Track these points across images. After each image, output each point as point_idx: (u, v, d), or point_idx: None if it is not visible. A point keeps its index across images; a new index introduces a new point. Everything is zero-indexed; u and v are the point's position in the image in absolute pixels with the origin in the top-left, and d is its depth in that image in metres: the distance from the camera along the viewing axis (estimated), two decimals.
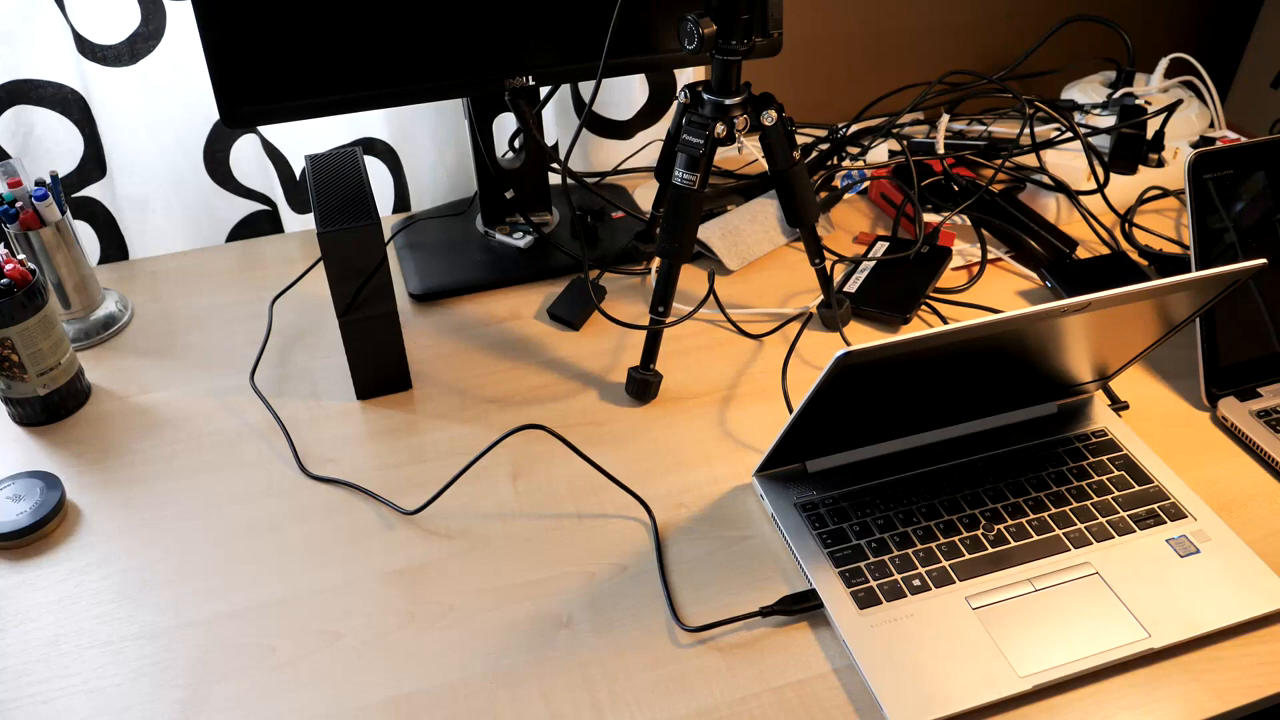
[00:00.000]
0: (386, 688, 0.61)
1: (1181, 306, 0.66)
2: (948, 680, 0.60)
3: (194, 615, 0.66)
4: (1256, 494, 0.74)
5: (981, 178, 1.10)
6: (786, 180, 0.82)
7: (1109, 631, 0.62)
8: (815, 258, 0.87)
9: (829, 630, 0.64)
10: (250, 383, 0.86)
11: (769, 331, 0.92)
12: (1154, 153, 1.08)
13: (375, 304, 0.79)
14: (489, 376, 0.86)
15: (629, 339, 0.91)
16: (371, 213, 0.75)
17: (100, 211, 1.02)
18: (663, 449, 0.79)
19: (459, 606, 0.66)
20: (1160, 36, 1.37)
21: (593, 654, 0.63)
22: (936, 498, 0.71)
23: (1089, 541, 0.68)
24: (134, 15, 0.91)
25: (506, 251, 1.01)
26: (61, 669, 0.63)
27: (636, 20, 0.89)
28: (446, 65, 0.86)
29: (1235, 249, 0.82)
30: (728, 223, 1.01)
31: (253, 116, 0.83)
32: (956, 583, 0.65)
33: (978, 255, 1.01)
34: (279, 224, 1.09)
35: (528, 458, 0.78)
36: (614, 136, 1.15)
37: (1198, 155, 0.80)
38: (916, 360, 0.59)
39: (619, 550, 0.70)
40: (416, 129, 1.06)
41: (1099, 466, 0.74)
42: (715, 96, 0.77)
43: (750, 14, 0.73)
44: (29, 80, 0.92)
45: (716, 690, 0.61)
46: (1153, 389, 0.84)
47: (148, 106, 0.96)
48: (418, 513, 0.73)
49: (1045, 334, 0.62)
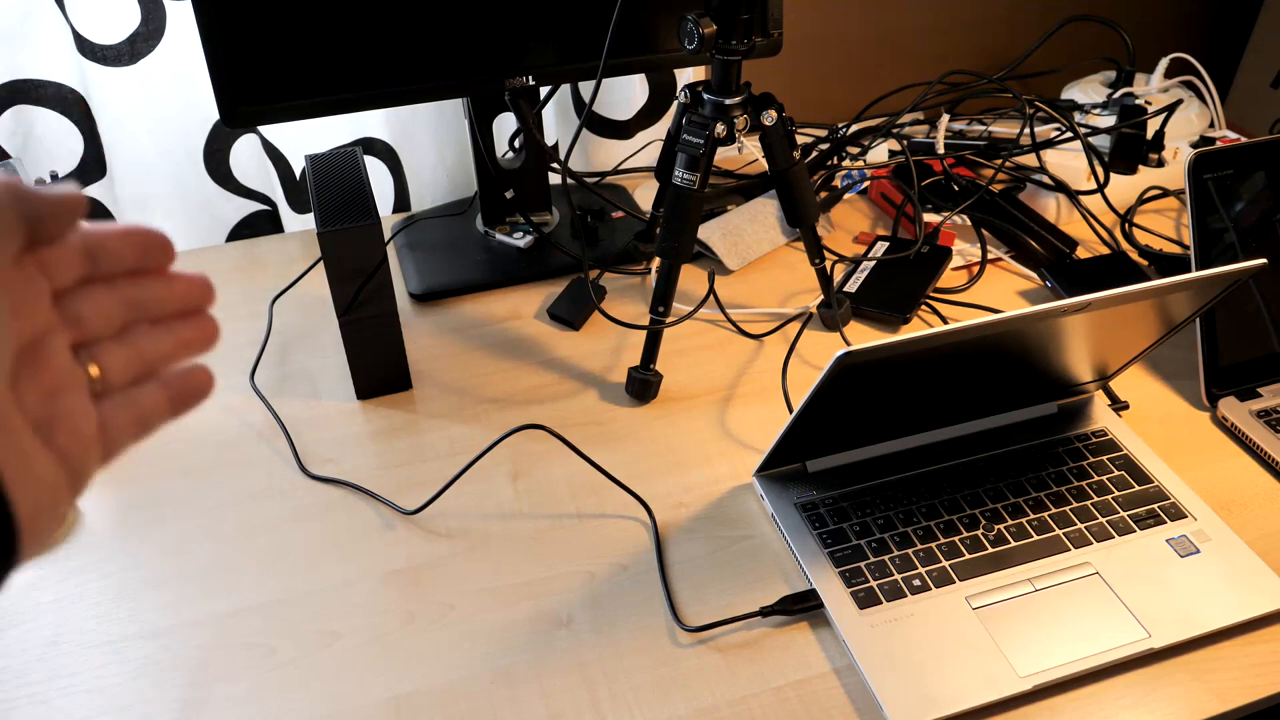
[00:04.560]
0: (386, 688, 0.61)
1: (1181, 306, 0.66)
2: (948, 680, 0.60)
3: (194, 615, 0.66)
4: (1256, 494, 0.74)
5: (981, 178, 1.10)
6: (786, 180, 0.82)
7: (1109, 631, 0.62)
8: (815, 258, 0.87)
9: (829, 630, 0.64)
10: (250, 383, 0.86)
11: (769, 331, 0.92)
12: (1154, 153, 1.08)
13: (375, 304, 0.79)
14: (489, 376, 0.86)
15: (629, 339, 0.91)
16: (371, 213, 0.75)
17: (100, 211, 1.02)
18: (663, 449, 0.79)
19: (459, 606, 0.66)
20: (1160, 36, 1.37)
21: (593, 654, 0.63)
22: (937, 498, 0.71)
23: (1089, 541, 0.68)
24: (134, 15, 0.91)
25: (506, 251, 1.01)
26: (61, 669, 0.63)
27: (636, 20, 0.89)
28: (446, 65, 0.86)
29: (1235, 249, 0.82)
30: (728, 223, 1.01)
31: (252, 116, 0.83)
32: (957, 583, 0.65)
33: (978, 255, 1.01)
34: (279, 224, 1.09)
35: (528, 458, 0.78)
36: (614, 136, 1.15)
37: (1198, 155, 0.80)
38: (916, 360, 0.59)
39: (619, 550, 0.70)
40: (416, 129, 1.06)
41: (1099, 466, 0.74)
42: (715, 96, 0.77)
43: (750, 14, 0.73)
44: (29, 80, 0.92)
45: (716, 690, 0.61)
46: (1153, 389, 0.84)
47: (148, 106, 0.96)
48: (418, 513, 0.73)
49: (1045, 334, 0.62)
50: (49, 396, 0.31)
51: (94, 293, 0.34)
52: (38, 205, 0.30)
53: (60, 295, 0.33)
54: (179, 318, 0.36)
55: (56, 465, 0.31)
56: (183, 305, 0.36)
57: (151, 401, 0.35)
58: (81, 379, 0.33)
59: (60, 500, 0.31)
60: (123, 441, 0.34)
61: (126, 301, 0.34)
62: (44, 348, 0.32)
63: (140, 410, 0.35)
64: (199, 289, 0.36)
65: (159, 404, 0.35)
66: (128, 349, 0.35)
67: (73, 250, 0.32)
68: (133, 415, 0.34)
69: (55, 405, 0.32)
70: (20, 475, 0.29)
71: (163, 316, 0.36)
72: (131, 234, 0.34)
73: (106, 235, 0.33)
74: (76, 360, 0.33)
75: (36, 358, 0.31)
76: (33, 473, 0.30)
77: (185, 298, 0.36)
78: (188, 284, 0.36)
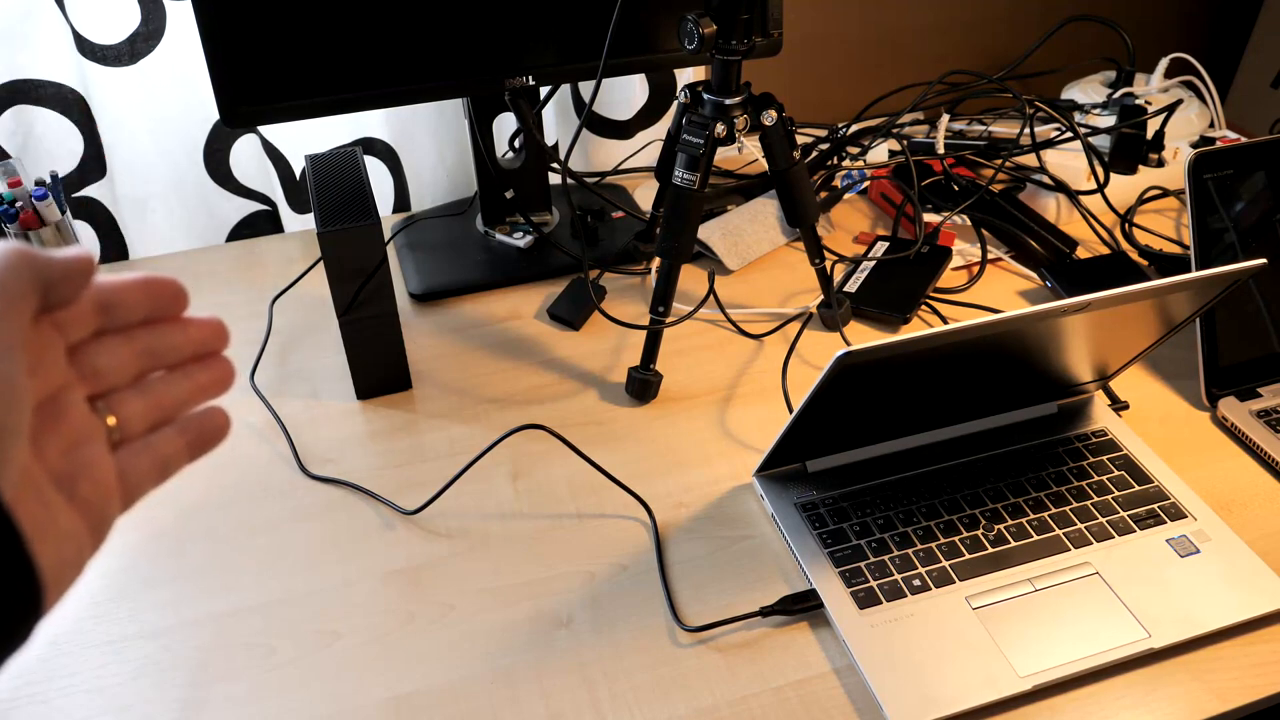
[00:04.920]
0: (386, 688, 0.61)
1: (1181, 306, 0.66)
2: (948, 680, 0.60)
3: (194, 615, 0.66)
4: (1256, 494, 0.74)
5: (981, 178, 1.10)
6: (786, 180, 0.82)
7: (1109, 631, 0.62)
8: (815, 258, 0.87)
9: (829, 630, 0.64)
10: (250, 383, 0.86)
11: (769, 331, 0.92)
12: (1154, 153, 1.08)
13: (375, 304, 0.79)
14: (489, 376, 0.86)
15: (629, 339, 0.91)
16: (371, 212, 0.75)
17: (100, 211, 1.02)
18: (663, 449, 0.79)
19: (459, 606, 0.66)
20: (1160, 36, 1.37)
21: (592, 654, 0.63)
22: (937, 498, 0.71)
23: (1089, 541, 0.68)
24: (134, 15, 0.91)
25: (506, 251, 1.01)
26: (61, 669, 0.63)
27: (636, 20, 0.89)
28: (447, 65, 0.86)
29: (1235, 249, 0.82)
30: (728, 223, 1.01)
31: (252, 116, 0.83)
32: (956, 583, 0.65)
33: (978, 255, 1.01)
34: (279, 224, 1.09)
35: (528, 458, 0.78)
36: (614, 136, 1.15)
37: (1198, 155, 0.80)
38: (916, 360, 0.59)
39: (619, 550, 0.70)
40: (416, 129, 1.06)
41: (1099, 466, 0.74)
42: (715, 96, 0.77)
43: (750, 14, 0.73)
44: (29, 80, 0.92)
45: (716, 690, 0.61)
46: (1153, 389, 0.84)
47: (148, 106, 0.96)
48: (418, 513, 0.73)
49: (1045, 334, 0.62)
50: (69, 450, 0.32)
51: (109, 344, 0.34)
52: (49, 271, 0.30)
53: (75, 349, 0.33)
54: (194, 362, 0.37)
55: (78, 518, 0.32)
56: (197, 349, 0.36)
57: (170, 447, 0.36)
58: (100, 430, 0.33)
59: (84, 551, 0.32)
60: (143, 488, 0.35)
61: (141, 351, 0.35)
62: (61, 402, 0.32)
63: (159, 456, 0.35)
64: (213, 332, 0.37)
65: (177, 449, 0.36)
66: (144, 397, 0.35)
67: (86, 305, 0.33)
68: (152, 461, 0.35)
69: (75, 458, 0.32)
70: (44, 531, 0.30)
71: (178, 362, 0.36)
72: (144, 284, 0.34)
73: (119, 288, 0.34)
74: (94, 412, 0.33)
75: (54, 413, 0.32)
76: (56, 527, 0.30)
77: (200, 342, 0.36)
78: (201, 328, 0.36)
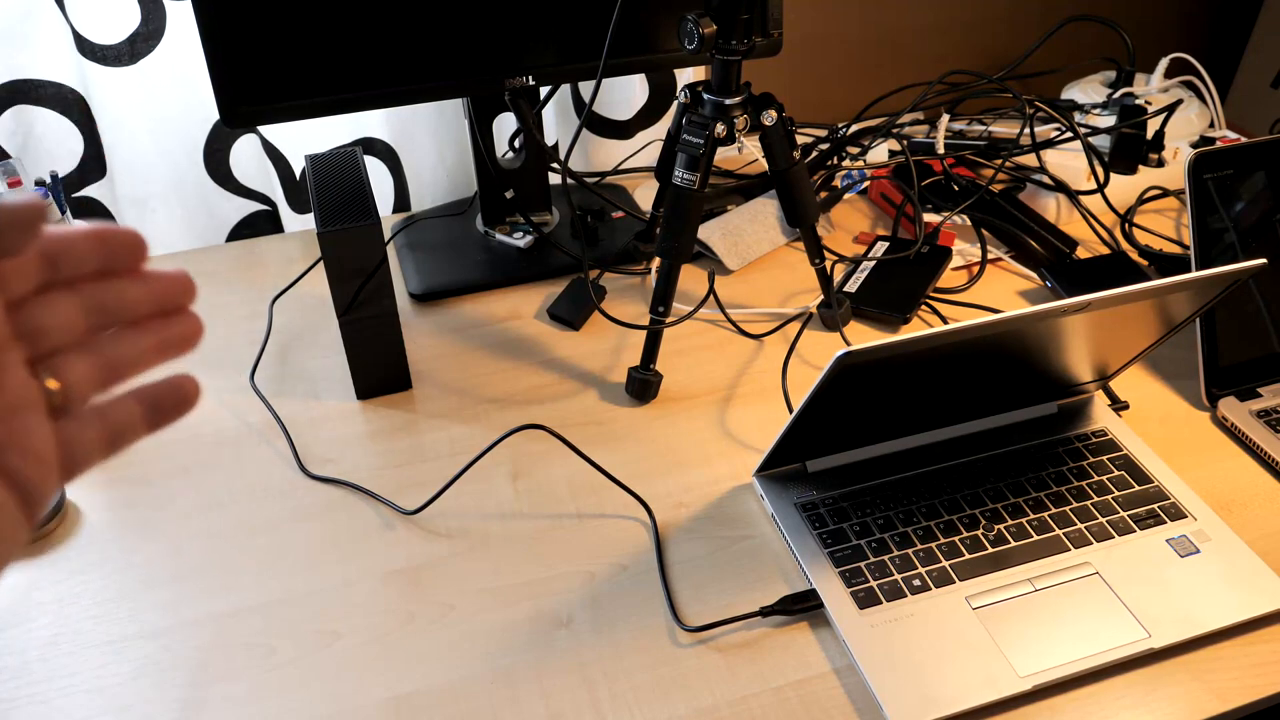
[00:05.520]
0: (386, 688, 0.61)
1: (1181, 306, 0.66)
2: (948, 680, 0.60)
3: (194, 615, 0.66)
4: (1256, 494, 0.74)
5: (981, 178, 1.10)
6: (786, 180, 0.82)
7: (1109, 631, 0.62)
8: (815, 258, 0.87)
9: (829, 630, 0.64)
10: (250, 383, 0.86)
11: (769, 331, 0.92)
12: (1154, 153, 1.08)
13: (375, 304, 0.79)
14: (489, 376, 0.86)
15: (629, 339, 0.91)
16: (371, 212, 0.75)
17: (100, 211, 1.02)
18: (663, 449, 0.79)
19: (459, 606, 0.66)
20: (1160, 36, 1.37)
21: (592, 654, 0.63)
22: (937, 498, 0.71)
23: (1089, 541, 0.68)
24: (134, 15, 0.91)
25: (506, 251, 1.01)
26: (61, 669, 0.63)
27: (636, 20, 0.89)
28: (446, 65, 0.86)
29: (1235, 249, 0.82)
30: (728, 223, 1.01)
31: (252, 116, 0.83)
32: (956, 583, 0.65)
33: (978, 255, 1.01)
34: (279, 224, 1.09)
35: (528, 458, 0.78)
36: (614, 136, 1.15)
37: (1198, 155, 0.80)
38: (916, 360, 0.59)
39: (619, 550, 0.70)
40: (416, 129, 1.06)
41: (1099, 466, 0.74)
42: (715, 96, 0.77)
43: (750, 14, 0.73)
44: (29, 80, 0.92)
45: (716, 690, 0.61)
46: (1153, 389, 0.84)
47: (148, 106, 0.96)
48: (418, 513, 0.73)
49: (1045, 334, 0.62)
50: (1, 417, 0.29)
51: (53, 300, 0.31)
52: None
53: (15, 306, 0.30)
54: (157, 318, 0.33)
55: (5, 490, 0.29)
56: (159, 305, 0.33)
57: (124, 415, 0.33)
58: (38, 396, 0.30)
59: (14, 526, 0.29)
60: (90, 459, 0.32)
61: (91, 306, 0.32)
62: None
63: (111, 424, 0.32)
64: (177, 285, 0.33)
65: (134, 417, 0.33)
66: (93, 357, 0.32)
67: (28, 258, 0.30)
68: (101, 430, 0.32)
69: (6, 427, 0.29)
70: None
71: (138, 319, 0.33)
72: (94, 234, 0.31)
73: (66, 237, 0.31)
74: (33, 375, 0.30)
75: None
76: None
77: (162, 296, 0.33)
78: (164, 281, 0.33)
